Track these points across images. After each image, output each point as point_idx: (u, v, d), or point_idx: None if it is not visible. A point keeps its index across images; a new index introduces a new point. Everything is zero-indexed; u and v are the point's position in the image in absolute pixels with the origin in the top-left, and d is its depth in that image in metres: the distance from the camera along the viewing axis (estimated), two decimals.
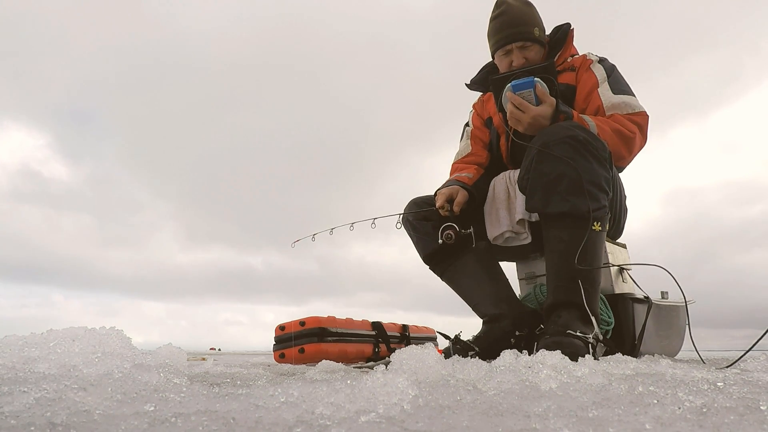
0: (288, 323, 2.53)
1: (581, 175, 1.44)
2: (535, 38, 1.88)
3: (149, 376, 0.80)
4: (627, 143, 1.65)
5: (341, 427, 0.53)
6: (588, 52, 1.91)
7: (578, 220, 1.46)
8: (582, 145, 1.46)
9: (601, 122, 1.64)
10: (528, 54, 1.87)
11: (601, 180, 1.48)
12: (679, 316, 2.14)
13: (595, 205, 1.46)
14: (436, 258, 1.87)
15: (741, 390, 0.74)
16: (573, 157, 1.45)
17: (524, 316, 1.71)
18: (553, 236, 1.51)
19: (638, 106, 1.73)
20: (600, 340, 1.46)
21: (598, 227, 1.47)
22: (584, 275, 1.45)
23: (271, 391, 0.69)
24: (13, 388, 0.64)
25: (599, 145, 1.49)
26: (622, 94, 1.74)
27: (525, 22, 1.87)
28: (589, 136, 1.49)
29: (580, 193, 1.44)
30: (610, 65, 1.83)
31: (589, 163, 1.46)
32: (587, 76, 1.81)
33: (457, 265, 1.83)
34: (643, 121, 1.70)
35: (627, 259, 2.02)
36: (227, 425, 0.54)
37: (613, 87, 1.76)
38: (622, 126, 1.65)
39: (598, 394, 0.72)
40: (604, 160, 1.50)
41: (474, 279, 1.80)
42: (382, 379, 0.70)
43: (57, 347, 0.93)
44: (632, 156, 1.71)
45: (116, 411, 0.58)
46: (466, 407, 0.65)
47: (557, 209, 1.47)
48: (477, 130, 2.10)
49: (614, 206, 1.74)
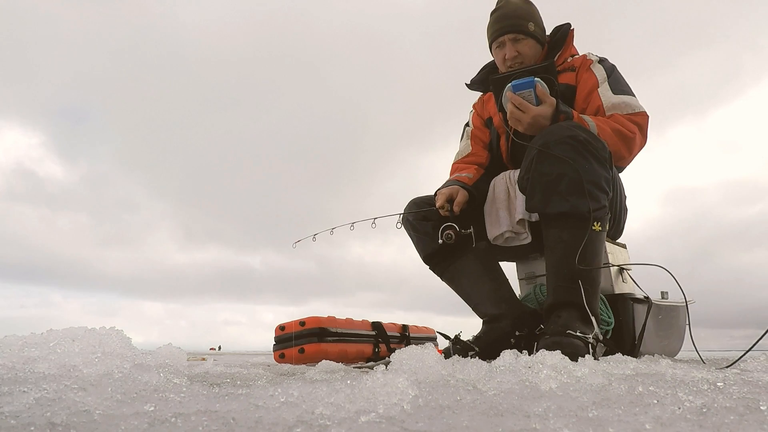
0: (288, 323, 2.53)
1: (581, 175, 1.44)
2: (528, 32, 1.89)
3: (149, 376, 0.80)
4: (627, 143, 1.65)
5: (341, 427, 0.53)
6: (588, 52, 1.91)
7: (578, 220, 1.46)
8: (582, 145, 1.46)
9: (601, 122, 1.64)
10: (521, 48, 1.88)
11: (601, 180, 1.48)
12: (679, 316, 2.14)
13: (595, 205, 1.46)
14: (436, 258, 1.87)
15: (741, 390, 0.74)
16: (573, 157, 1.45)
17: (524, 316, 1.71)
18: (552, 236, 1.51)
19: (638, 106, 1.73)
20: (600, 340, 1.46)
21: (599, 227, 1.47)
22: (584, 275, 1.45)
23: (271, 391, 0.69)
24: (13, 388, 0.64)
25: (599, 145, 1.50)
26: (623, 94, 1.74)
27: (519, 15, 1.90)
28: (590, 137, 1.49)
29: (580, 193, 1.45)
30: (610, 65, 1.84)
31: (589, 163, 1.46)
32: (587, 76, 1.81)
33: (457, 265, 1.83)
34: (643, 121, 1.70)
35: (627, 259, 2.02)
36: (227, 425, 0.54)
37: (613, 87, 1.76)
38: (622, 126, 1.65)
39: (598, 394, 0.72)
40: (604, 161, 1.50)
41: (474, 279, 1.80)
42: (382, 379, 0.70)
43: (57, 347, 0.93)
44: (632, 156, 1.71)
45: (116, 411, 0.58)
46: (466, 407, 0.65)
47: (557, 209, 1.47)
48: (477, 130, 2.10)
49: (614, 206, 1.74)
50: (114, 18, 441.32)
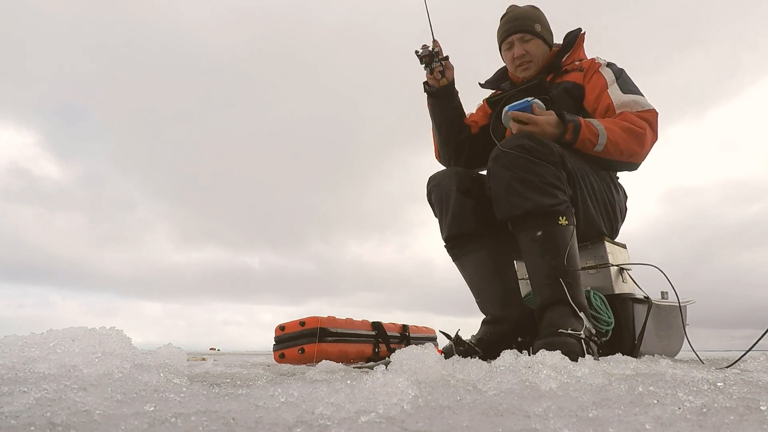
0: (288, 323, 2.53)
1: (532, 177, 1.54)
2: (536, 32, 1.98)
3: (149, 377, 0.80)
4: (638, 139, 1.72)
5: (341, 427, 0.53)
6: (596, 56, 1.98)
7: (543, 216, 1.54)
8: (528, 151, 1.56)
9: (609, 124, 1.72)
10: (529, 47, 1.98)
11: (553, 179, 1.56)
12: (679, 317, 2.14)
13: (554, 201, 1.54)
14: (458, 241, 1.83)
15: (741, 390, 0.74)
16: (522, 163, 1.55)
17: (527, 321, 1.72)
18: (524, 238, 1.59)
19: (647, 104, 1.81)
20: (593, 334, 1.48)
21: (564, 222, 1.55)
22: (564, 270, 1.51)
23: (271, 391, 0.69)
24: (13, 388, 0.64)
25: (546, 150, 1.58)
26: (632, 94, 1.83)
27: (526, 17, 2.00)
28: (536, 143, 1.58)
29: (537, 191, 1.54)
30: (618, 69, 1.92)
31: (538, 166, 1.55)
32: (596, 78, 1.89)
33: (472, 257, 1.81)
34: (652, 118, 1.78)
35: (627, 259, 2.02)
36: (227, 425, 0.54)
37: (622, 87, 1.85)
38: (631, 123, 1.73)
39: (598, 394, 0.72)
40: (554, 163, 1.58)
41: (485, 275, 1.80)
42: (382, 379, 0.70)
43: (57, 347, 0.93)
44: (645, 151, 1.78)
45: (116, 411, 0.58)
46: (466, 407, 0.65)
47: (521, 209, 1.55)
48: (478, 112, 2.20)
49: (605, 205, 1.82)
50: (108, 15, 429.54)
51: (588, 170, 1.75)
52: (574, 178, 1.67)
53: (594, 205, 1.77)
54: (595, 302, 1.71)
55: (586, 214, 1.74)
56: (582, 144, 1.69)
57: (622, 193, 1.96)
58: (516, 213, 1.57)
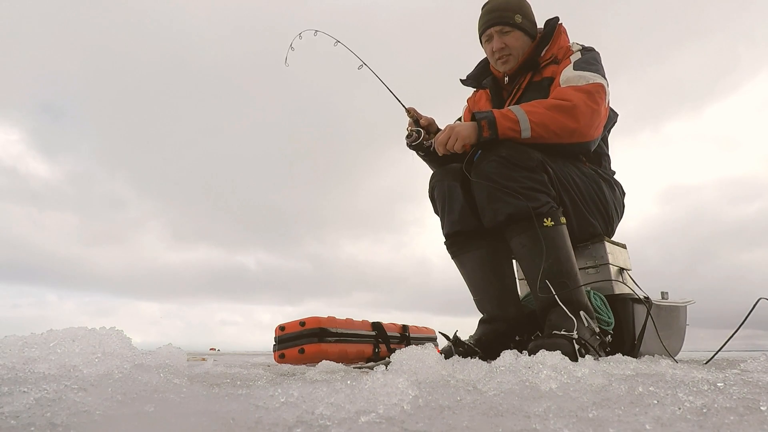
0: (288, 323, 2.53)
1: (512, 183, 1.56)
2: (516, 24, 1.88)
3: (149, 377, 0.80)
4: (569, 113, 1.61)
5: (341, 427, 0.53)
6: (573, 42, 1.89)
7: (527, 220, 1.55)
8: (507, 160, 1.58)
9: (531, 106, 1.63)
10: (508, 40, 1.88)
11: (533, 183, 1.57)
12: (679, 317, 2.14)
13: (536, 204, 1.55)
14: (458, 238, 1.82)
15: (741, 390, 0.74)
16: (502, 171, 1.57)
17: (522, 320, 1.72)
18: (515, 244, 1.60)
19: (593, 78, 1.68)
20: (596, 333, 1.49)
21: (550, 223, 1.55)
22: (558, 270, 1.51)
23: (271, 392, 0.69)
24: (13, 389, 0.64)
25: (524, 156, 1.59)
26: (582, 71, 1.71)
27: (506, 8, 1.89)
28: (513, 151, 1.59)
29: (519, 196, 1.55)
30: (589, 51, 1.82)
31: (517, 172, 1.57)
32: (564, 64, 1.80)
33: (471, 255, 1.81)
34: (592, 89, 1.65)
35: (627, 259, 2.02)
36: (227, 426, 0.54)
37: (576, 65, 1.74)
38: (558, 98, 1.64)
39: (598, 395, 0.72)
40: (533, 168, 1.59)
41: (484, 274, 1.79)
42: (382, 379, 0.70)
43: (57, 347, 0.93)
44: (582, 125, 1.63)
45: (116, 411, 0.58)
46: (466, 408, 0.65)
47: (505, 213, 1.57)
48: (466, 115, 2.16)
49: (596, 205, 1.81)
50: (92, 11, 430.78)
51: (574, 172, 1.73)
52: (557, 181, 1.66)
53: (584, 205, 1.76)
54: (595, 302, 1.71)
55: (576, 215, 1.74)
56: (505, 136, 1.62)
57: (618, 191, 1.93)
58: (500, 219, 1.59)
